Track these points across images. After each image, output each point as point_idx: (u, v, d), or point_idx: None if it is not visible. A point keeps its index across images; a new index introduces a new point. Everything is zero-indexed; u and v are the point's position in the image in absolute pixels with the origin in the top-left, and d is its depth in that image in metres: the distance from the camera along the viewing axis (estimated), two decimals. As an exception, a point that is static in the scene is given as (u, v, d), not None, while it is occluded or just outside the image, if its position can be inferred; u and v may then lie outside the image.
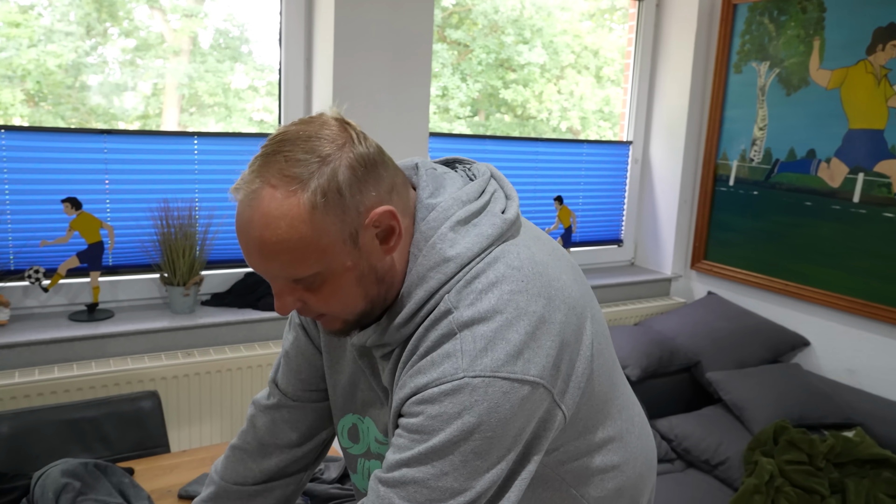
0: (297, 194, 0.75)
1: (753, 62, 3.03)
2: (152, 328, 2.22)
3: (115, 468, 1.29)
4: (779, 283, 2.96)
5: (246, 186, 0.77)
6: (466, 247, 0.82)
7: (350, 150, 0.78)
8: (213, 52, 2.49)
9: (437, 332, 0.79)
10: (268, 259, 0.77)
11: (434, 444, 0.76)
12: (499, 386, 0.75)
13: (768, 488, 2.14)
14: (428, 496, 0.76)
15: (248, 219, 0.76)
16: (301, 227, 0.74)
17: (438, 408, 0.76)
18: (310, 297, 0.81)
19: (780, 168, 2.95)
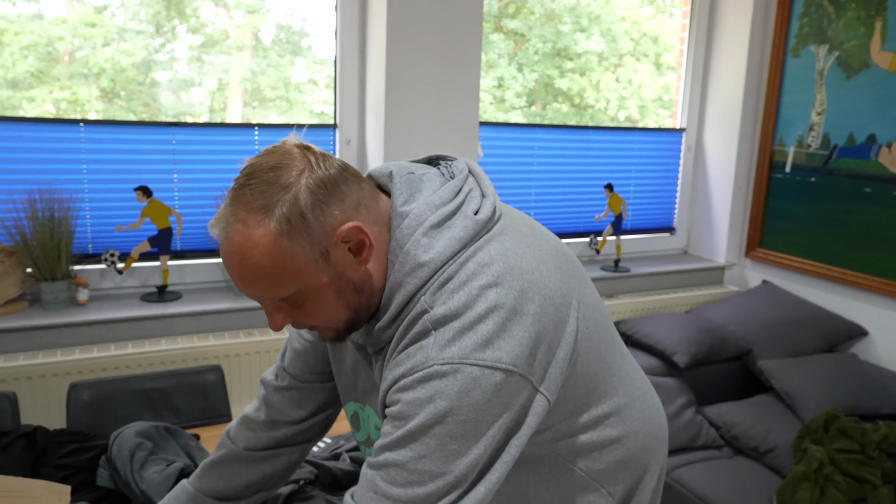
0: (264, 224, 0.81)
1: (812, 45, 2.96)
2: (217, 309, 2.36)
3: (183, 432, 1.41)
4: (836, 271, 2.90)
5: (220, 223, 0.84)
6: (439, 251, 0.86)
7: (309, 175, 0.83)
8: (274, 46, 2.59)
9: (414, 330, 0.84)
10: (250, 285, 0.84)
11: (410, 429, 0.81)
12: (468, 371, 0.80)
13: (817, 476, 2.13)
14: (407, 478, 0.80)
15: (226, 252, 0.83)
16: (272, 254, 0.81)
17: (412, 394, 0.81)
18: (296, 313, 0.88)
19: (839, 154, 2.88)
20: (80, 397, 1.62)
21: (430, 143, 2.59)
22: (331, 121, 2.69)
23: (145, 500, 1.20)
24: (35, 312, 2.21)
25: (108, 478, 1.27)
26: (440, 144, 2.61)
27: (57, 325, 2.15)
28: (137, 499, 1.21)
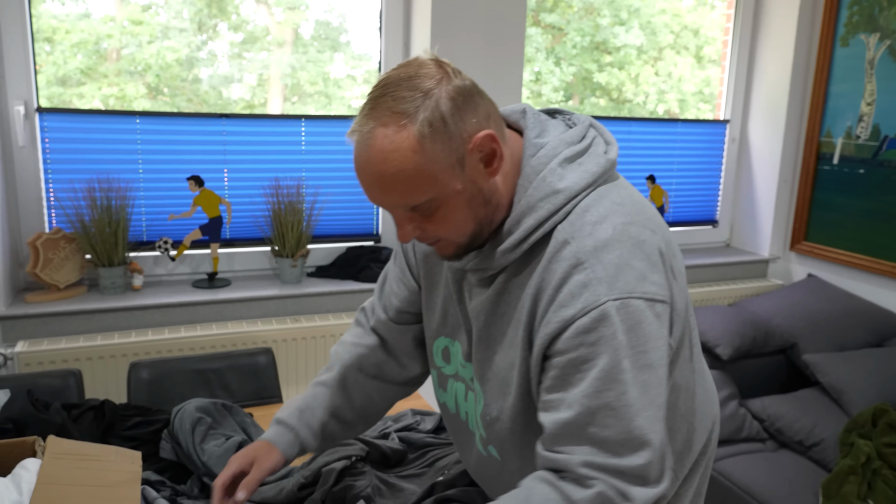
0: (407, 128, 0.83)
1: (862, 34, 2.90)
2: (265, 295, 2.43)
3: (239, 409, 1.46)
4: (886, 265, 2.85)
5: (360, 128, 0.86)
6: (574, 181, 0.90)
7: (448, 83, 0.86)
8: (314, 42, 2.63)
9: (564, 262, 0.87)
10: (387, 191, 0.86)
11: (604, 367, 0.83)
12: (636, 305, 0.84)
13: (864, 470, 2.10)
14: (616, 416, 0.83)
15: (365, 157, 0.86)
16: (414, 157, 0.83)
17: (594, 335, 0.83)
18: (427, 224, 0.90)
19: (889, 145, 2.82)
20: (140, 376, 1.69)
21: (472, 134, 2.62)
22: (375, 112, 2.73)
23: (206, 471, 1.25)
24: (93, 297, 2.30)
25: (171, 450, 1.33)
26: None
27: (114, 308, 2.24)
28: (199, 470, 1.26)
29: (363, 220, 2.78)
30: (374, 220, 2.79)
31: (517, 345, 0.93)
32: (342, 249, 2.74)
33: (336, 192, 2.70)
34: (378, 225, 2.80)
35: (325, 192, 2.67)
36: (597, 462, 0.84)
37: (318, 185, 2.65)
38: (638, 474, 0.84)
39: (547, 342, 0.87)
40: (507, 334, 0.95)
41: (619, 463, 0.84)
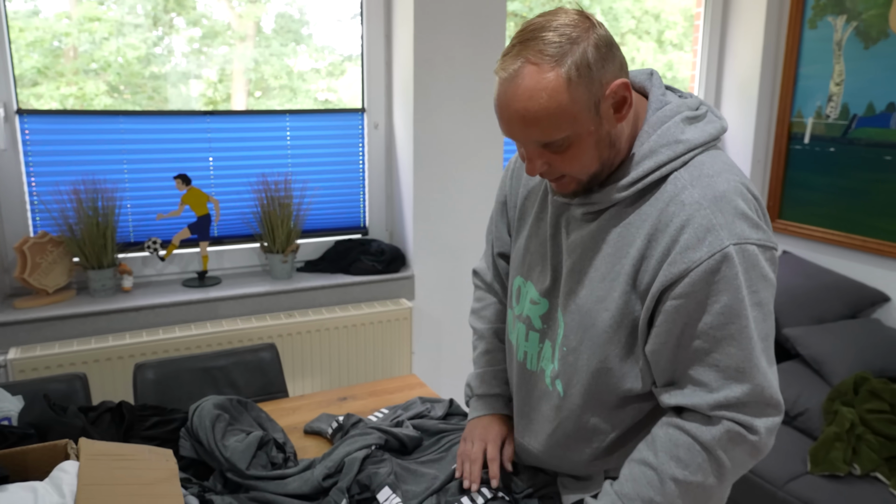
0: (556, 69, 0.90)
1: (829, 16, 2.99)
2: (257, 292, 2.42)
3: (254, 405, 1.47)
4: (858, 239, 2.95)
5: (509, 65, 0.92)
6: (694, 136, 0.99)
7: (594, 32, 0.92)
8: (275, 35, 2.58)
9: (686, 207, 0.94)
10: (529, 126, 0.92)
11: (727, 303, 0.92)
12: (751, 250, 0.92)
13: (849, 436, 2.19)
14: (738, 346, 0.93)
15: (511, 94, 0.92)
16: (559, 97, 0.90)
17: (718, 275, 0.91)
18: (555, 160, 0.97)
19: (859, 123, 2.92)
20: (146, 376, 1.68)
21: (458, 125, 2.64)
22: (358, 105, 2.74)
23: (230, 466, 1.26)
24: (84, 300, 2.27)
25: (190, 448, 1.33)
26: (469, 127, 2.65)
27: (107, 311, 2.22)
28: (222, 466, 1.27)
29: (350, 214, 2.78)
30: (362, 212, 2.80)
31: (618, 280, 1.00)
32: (330, 243, 2.74)
33: (323, 186, 2.70)
34: (365, 217, 2.81)
35: (312, 186, 2.66)
36: (720, 400, 0.94)
37: (305, 179, 2.65)
38: (759, 402, 0.94)
39: (669, 282, 0.95)
40: (602, 269, 1.02)
41: (741, 395, 0.93)
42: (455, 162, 2.66)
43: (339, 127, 2.69)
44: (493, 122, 2.71)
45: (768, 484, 2.18)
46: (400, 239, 2.79)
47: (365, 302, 2.60)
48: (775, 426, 0.97)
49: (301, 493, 1.23)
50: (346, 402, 1.73)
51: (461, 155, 2.67)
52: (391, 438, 1.39)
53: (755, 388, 0.93)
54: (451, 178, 2.67)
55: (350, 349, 2.50)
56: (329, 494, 1.23)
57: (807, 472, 2.17)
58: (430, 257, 2.70)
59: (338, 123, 2.69)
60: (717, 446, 0.96)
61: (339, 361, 2.49)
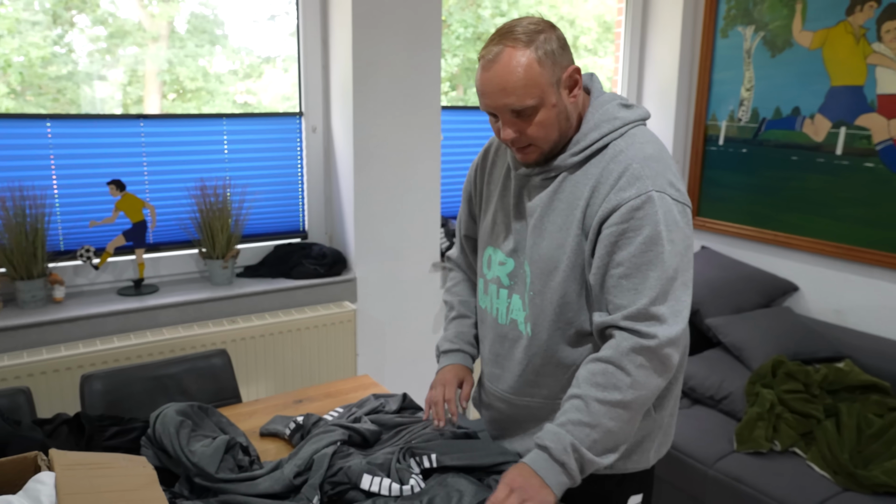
0: (527, 49, 1.15)
1: (739, 26, 3.21)
2: (198, 299, 2.38)
3: (214, 410, 1.46)
4: (769, 233, 3.18)
5: (491, 49, 1.17)
6: (627, 115, 1.24)
7: (554, 30, 1.20)
8: (190, 36, 2.53)
9: (621, 163, 1.18)
10: (508, 94, 1.16)
11: (649, 234, 1.13)
12: (668, 199, 1.15)
13: (769, 416, 2.37)
14: (655, 271, 1.12)
15: (493, 68, 1.16)
16: (531, 70, 1.15)
17: (641, 212, 1.14)
18: (524, 127, 1.20)
19: (768, 126, 3.15)
20: (94, 387, 1.64)
21: (397, 127, 2.67)
22: (295, 109, 2.73)
23: (198, 471, 1.25)
24: (12, 312, 2.18)
25: (153, 456, 1.31)
26: (407, 128, 2.69)
27: (40, 323, 2.13)
28: (190, 471, 1.26)
29: (289, 218, 2.77)
30: (301, 216, 2.79)
31: (571, 227, 1.22)
32: (270, 248, 2.72)
33: (261, 190, 2.68)
34: (305, 221, 2.81)
35: (251, 191, 2.64)
36: (631, 313, 1.13)
37: (244, 184, 2.62)
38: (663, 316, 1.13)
39: (605, 216, 1.17)
40: (558, 221, 1.24)
41: (647, 309, 1.12)
42: (395, 164, 2.70)
43: (276, 131, 2.68)
44: (432, 125, 2.76)
45: (699, 464, 2.32)
46: (340, 242, 2.80)
47: (308, 306, 2.60)
48: (676, 337, 1.14)
49: (272, 492, 1.25)
50: (302, 404, 1.74)
51: (401, 157, 2.71)
52: (353, 434, 1.42)
53: (661, 307, 1.13)
54: (392, 181, 2.71)
55: (295, 353, 2.50)
56: (301, 492, 1.25)
57: (733, 451, 2.33)
58: (372, 260, 2.72)
59: (275, 127, 2.68)
60: (623, 359, 1.14)
61: (285, 365, 2.48)
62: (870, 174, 2.78)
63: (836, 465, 2.17)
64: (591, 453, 1.13)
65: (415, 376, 2.94)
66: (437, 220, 2.87)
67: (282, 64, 2.71)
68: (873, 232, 2.79)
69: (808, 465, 2.23)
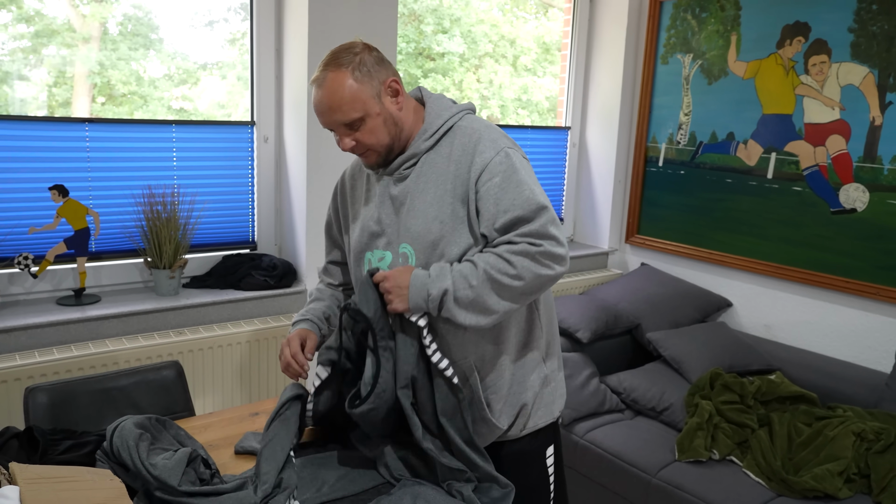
0: (346, 70, 1.35)
1: (678, 54, 3.37)
2: (143, 310, 2.32)
3: (172, 423, 1.43)
4: (704, 252, 3.33)
5: (319, 75, 1.36)
6: (460, 105, 1.49)
7: (370, 51, 1.40)
8: (123, 39, 2.47)
9: (471, 136, 1.42)
10: (335, 111, 1.35)
11: (518, 178, 1.36)
12: (512, 152, 1.40)
13: (708, 426, 2.47)
14: (519, 189, 1.35)
15: (321, 92, 1.36)
16: (351, 88, 1.35)
17: (506, 164, 1.37)
18: (358, 136, 1.38)
19: (704, 149, 3.31)
20: (39, 400, 1.57)
21: (350, 140, 2.68)
22: (247, 117, 2.70)
23: (160, 485, 1.22)
24: (-57, 322, 2.06)
25: (110, 470, 1.27)
26: (361, 141, 2.70)
27: (-27, 333, 2.03)
28: (151, 484, 1.22)
29: (238, 228, 2.73)
30: (251, 227, 2.76)
31: (444, 197, 1.40)
32: (217, 258, 2.67)
33: (210, 199, 2.63)
34: (254, 232, 2.77)
35: (202, 199, 2.59)
36: (521, 231, 1.34)
37: (194, 192, 2.57)
38: (546, 233, 1.34)
39: (477, 176, 1.38)
40: (428, 198, 1.41)
41: (531, 227, 1.33)
42: (348, 177, 2.70)
43: (227, 140, 2.64)
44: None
45: (643, 472, 2.40)
46: (290, 253, 2.77)
47: (258, 317, 2.56)
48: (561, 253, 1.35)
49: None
50: (258, 417, 1.72)
51: (353, 170, 2.71)
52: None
53: (542, 224, 1.34)
54: (344, 193, 2.70)
55: (244, 366, 2.45)
56: (267, 507, 1.23)
57: (675, 460, 2.42)
58: (323, 271, 2.71)
59: (227, 136, 2.64)
60: (516, 256, 1.33)
61: (234, 378, 2.44)
62: (797, 197, 2.96)
63: (770, 471, 2.29)
64: (457, 305, 1.34)
65: (363, 389, 2.92)
66: (387, 234, 2.88)
67: (218, 72, 2.68)
68: (800, 251, 2.97)
69: (745, 472, 2.34)
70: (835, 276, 2.87)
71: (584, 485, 2.58)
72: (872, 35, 2.69)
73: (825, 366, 2.78)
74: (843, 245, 2.83)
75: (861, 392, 2.62)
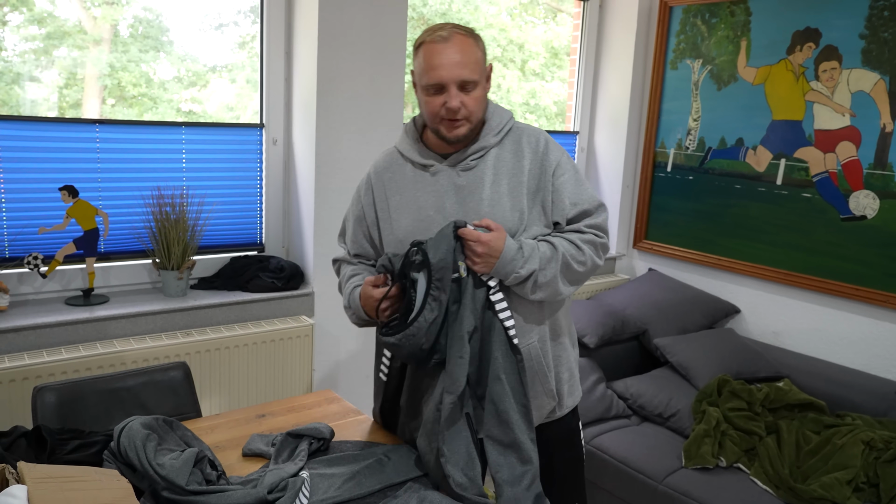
0: (473, 39, 1.48)
1: (688, 59, 3.36)
2: (151, 310, 2.32)
3: (179, 423, 1.43)
4: (712, 258, 3.32)
5: (444, 33, 1.44)
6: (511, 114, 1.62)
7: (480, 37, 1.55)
8: (134, 41, 2.47)
9: (533, 137, 1.58)
10: (463, 66, 1.43)
11: (580, 176, 1.58)
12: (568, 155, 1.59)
13: (715, 432, 2.46)
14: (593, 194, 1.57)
15: (450, 46, 1.43)
16: (478, 53, 1.48)
17: (571, 164, 1.58)
18: (466, 100, 1.47)
19: (713, 155, 3.30)
20: (47, 400, 1.57)
21: (359, 143, 2.68)
22: (256, 119, 2.71)
23: (167, 484, 1.22)
24: (-48, 321, 2.07)
25: (117, 469, 1.28)
26: (369, 144, 2.71)
27: (-18, 332, 2.04)
28: (158, 484, 1.23)
29: (247, 230, 2.74)
30: (258, 229, 2.76)
31: (520, 190, 1.52)
32: (225, 260, 2.68)
33: (219, 201, 2.64)
34: (262, 234, 2.78)
35: (209, 201, 2.60)
36: (587, 223, 1.54)
37: (202, 194, 2.58)
38: (605, 228, 1.58)
39: (552, 172, 1.55)
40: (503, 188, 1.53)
41: (595, 220, 1.55)
42: (356, 180, 2.70)
43: (237, 142, 2.65)
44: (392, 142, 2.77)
45: (650, 479, 2.39)
46: (297, 255, 2.77)
47: (265, 319, 2.56)
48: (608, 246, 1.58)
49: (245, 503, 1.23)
50: (264, 419, 1.72)
51: (361, 173, 2.72)
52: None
53: (601, 219, 1.57)
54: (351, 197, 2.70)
55: (251, 367, 2.45)
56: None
57: (682, 467, 2.41)
58: (330, 274, 2.71)
59: (236, 138, 2.65)
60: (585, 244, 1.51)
61: (240, 380, 2.44)
62: (807, 204, 2.95)
63: (778, 479, 2.27)
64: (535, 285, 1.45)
65: (370, 393, 2.92)
66: (395, 237, 2.88)
67: (228, 74, 2.69)
68: (809, 258, 2.95)
69: (752, 479, 2.32)
70: (844, 284, 2.85)
71: (590, 490, 2.57)
72: (884, 41, 2.68)
73: (834, 374, 2.77)
74: (853, 252, 2.82)
75: (870, 401, 2.61)
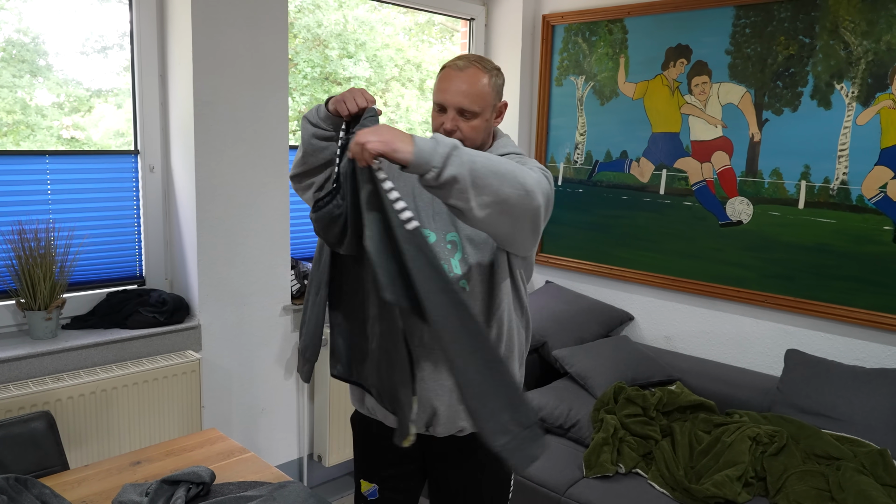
0: (488, 74, 1.57)
1: (572, 76, 3.46)
2: (15, 356, 2.13)
3: (36, 481, 1.30)
4: (605, 268, 3.41)
5: (464, 63, 1.56)
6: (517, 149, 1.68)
7: (502, 75, 1.64)
8: (7, 65, 2.32)
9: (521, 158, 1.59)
10: (466, 96, 1.53)
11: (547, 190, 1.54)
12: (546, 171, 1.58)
13: (614, 440, 2.50)
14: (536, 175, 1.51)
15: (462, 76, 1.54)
16: (486, 88, 1.56)
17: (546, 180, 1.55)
18: (463, 125, 1.55)
19: (600, 168, 3.40)
20: None
21: (243, 167, 2.59)
22: (130, 146, 2.56)
23: (15, 555, 1.10)
24: None
25: (-43, 542, 1.14)
26: (254, 168, 2.61)
27: None
28: (4, 556, 1.11)
29: (124, 263, 2.57)
30: (137, 261, 2.60)
31: None
32: (102, 296, 2.51)
33: (91, 234, 2.47)
34: (142, 266, 2.62)
35: (80, 234, 2.42)
36: None
37: (70, 227, 2.40)
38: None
39: None
40: None
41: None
42: (241, 205, 2.60)
43: (108, 170, 2.50)
44: (280, 164, 2.70)
45: (552, 492, 2.40)
46: (182, 287, 2.63)
47: (147, 357, 2.41)
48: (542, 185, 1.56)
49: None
50: (140, 466, 1.60)
51: (248, 198, 2.62)
52: None
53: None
54: (238, 222, 2.61)
55: (133, 410, 2.29)
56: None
57: (583, 477, 2.43)
58: (217, 305, 2.59)
59: (107, 166, 2.49)
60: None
61: (121, 425, 2.27)
62: (688, 212, 3.08)
63: (673, 481, 2.33)
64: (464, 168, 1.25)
65: (264, 427, 2.81)
66: (286, 262, 2.79)
67: (114, 99, 2.54)
68: (693, 264, 3.08)
69: (650, 484, 2.38)
70: (726, 286, 2.99)
71: (497, 508, 2.55)
72: (747, 57, 2.85)
73: (722, 373, 2.89)
74: (732, 256, 2.96)
75: (755, 397, 2.73)
